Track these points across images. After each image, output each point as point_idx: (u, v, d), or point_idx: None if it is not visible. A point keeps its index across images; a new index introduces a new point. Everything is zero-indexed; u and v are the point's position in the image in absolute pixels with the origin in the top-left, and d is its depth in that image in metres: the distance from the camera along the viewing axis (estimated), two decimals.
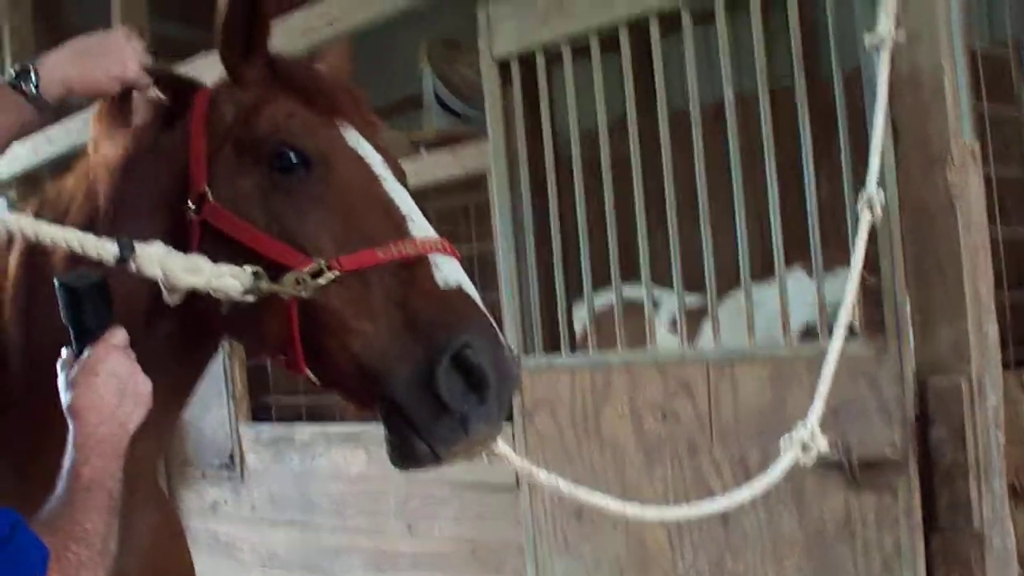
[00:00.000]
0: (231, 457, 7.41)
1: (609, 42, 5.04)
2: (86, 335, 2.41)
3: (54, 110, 2.92)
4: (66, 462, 2.28)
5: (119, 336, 2.41)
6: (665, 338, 5.77)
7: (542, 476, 3.22)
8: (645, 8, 4.79)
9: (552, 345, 5.29)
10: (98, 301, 2.42)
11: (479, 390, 2.44)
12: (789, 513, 4.36)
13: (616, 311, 5.03)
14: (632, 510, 3.42)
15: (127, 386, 2.36)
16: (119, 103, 2.99)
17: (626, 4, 4.85)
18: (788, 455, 3.56)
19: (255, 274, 2.52)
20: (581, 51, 5.11)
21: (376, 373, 2.51)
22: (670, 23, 4.84)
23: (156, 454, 3.18)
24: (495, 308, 6.22)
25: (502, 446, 2.91)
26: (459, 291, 2.55)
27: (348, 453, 6.59)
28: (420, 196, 6.90)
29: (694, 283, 5.00)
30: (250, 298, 2.53)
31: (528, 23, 5.18)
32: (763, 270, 5.14)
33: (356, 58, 3.25)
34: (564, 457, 5.09)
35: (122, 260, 2.32)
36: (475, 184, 6.46)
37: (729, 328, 4.87)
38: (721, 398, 4.60)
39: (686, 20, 4.73)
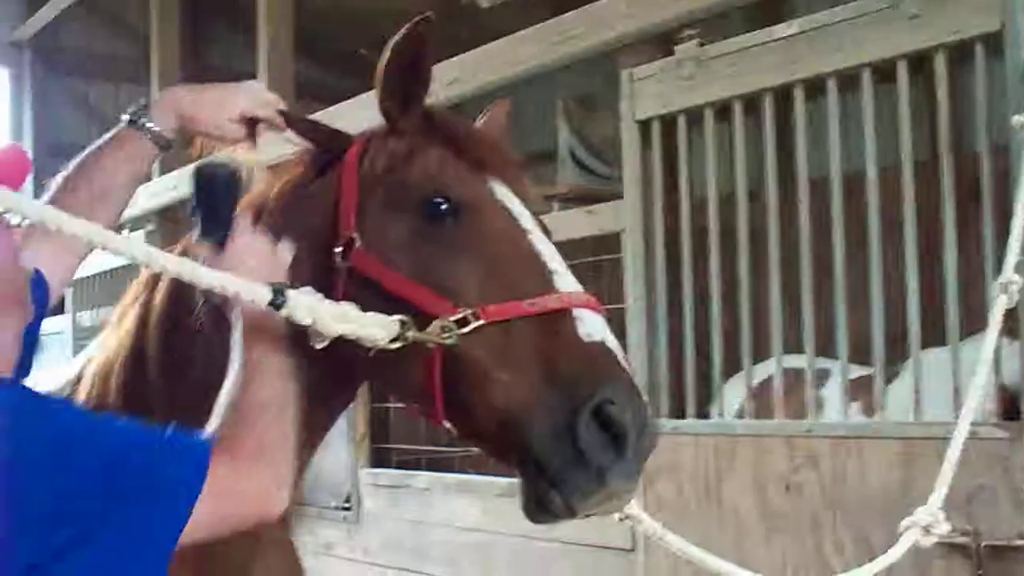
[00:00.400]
0: (348, 499, 7.46)
1: (749, 107, 5.03)
2: (219, 223, 2.49)
3: (178, 143, 2.97)
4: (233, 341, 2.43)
5: (248, 220, 2.55)
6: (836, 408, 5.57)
7: (671, 539, 3.18)
8: (791, 77, 4.77)
9: (678, 410, 5.24)
10: (233, 189, 2.55)
11: (618, 443, 2.40)
12: None
13: (775, 379, 4.95)
14: None
15: (269, 263, 2.50)
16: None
17: (772, 73, 4.84)
18: (909, 535, 3.46)
19: (402, 323, 2.51)
20: (719, 115, 5.10)
21: (515, 423, 2.49)
22: (814, 90, 4.82)
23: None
24: None
25: (635, 507, 2.90)
26: (602, 345, 2.51)
27: (464, 503, 6.59)
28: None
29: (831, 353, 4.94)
30: (396, 346, 2.53)
31: (672, 86, 5.19)
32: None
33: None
34: (683, 523, 5.01)
35: (275, 306, 2.33)
36: (606, 242, 6.45)
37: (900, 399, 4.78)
38: (847, 474, 4.51)
39: (831, 88, 4.70)
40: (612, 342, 2.53)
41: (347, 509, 7.47)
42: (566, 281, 2.62)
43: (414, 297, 2.60)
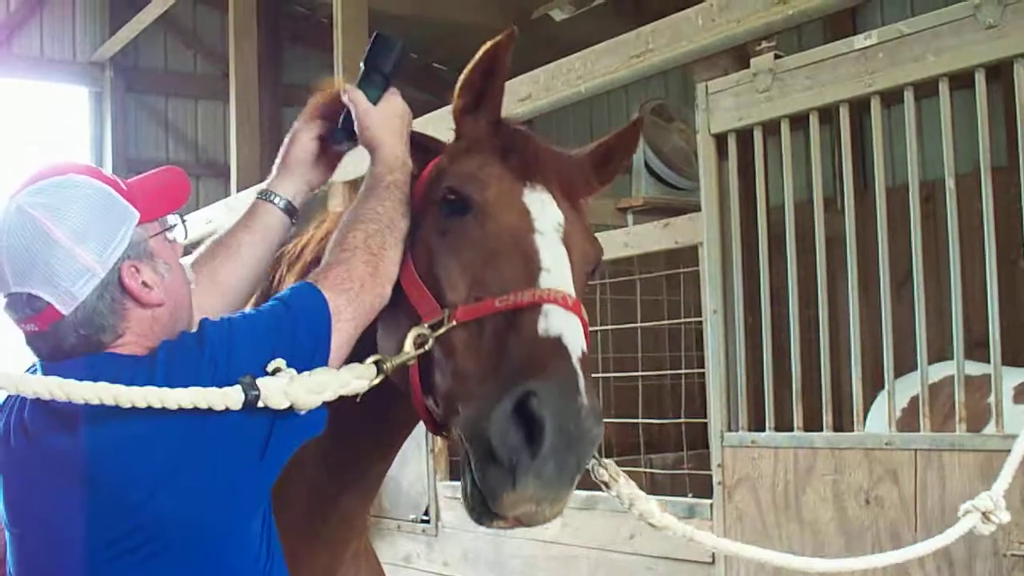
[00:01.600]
0: (427, 512, 7.50)
1: (824, 118, 5.03)
2: (380, 77, 2.89)
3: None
4: (367, 181, 2.79)
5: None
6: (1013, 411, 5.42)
7: (731, 547, 3.14)
8: (868, 88, 4.76)
9: (756, 422, 5.23)
10: (398, 55, 2.92)
11: (533, 443, 2.29)
12: None
13: (922, 391, 4.80)
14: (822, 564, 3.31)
15: (407, 126, 2.88)
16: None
17: (849, 84, 4.83)
18: (967, 520, 3.41)
19: (376, 362, 2.51)
20: (794, 124, 5.10)
21: (455, 412, 2.48)
22: (890, 100, 4.81)
23: (364, 509, 3.23)
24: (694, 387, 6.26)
25: (665, 517, 2.80)
26: (555, 340, 2.44)
27: None
28: (628, 263, 7.00)
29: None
30: (379, 380, 2.52)
31: (748, 99, 5.20)
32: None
33: (563, 122, 3.27)
34: (762, 535, 5.02)
35: (249, 401, 2.25)
36: (682, 254, 6.45)
37: None
38: (928, 486, 4.48)
39: (908, 99, 4.69)
40: (570, 339, 2.46)
41: (426, 522, 7.51)
42: (552, 279, 2.58)
43: (410, 291, 2.66)
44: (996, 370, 4.42)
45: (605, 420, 2.64)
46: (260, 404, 2.26)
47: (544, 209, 2.74)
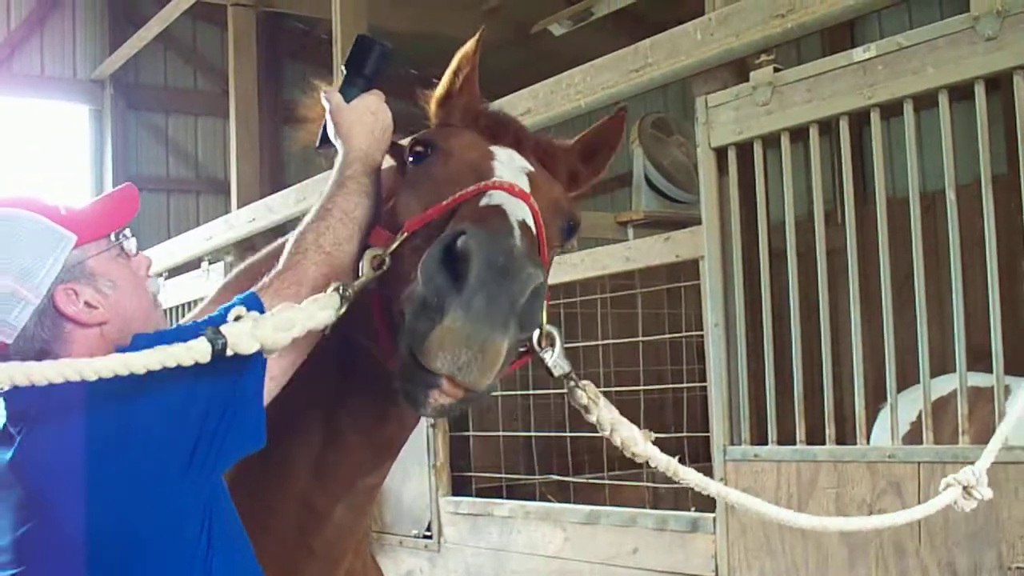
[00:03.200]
0: (429, 527, 7.49)
1: (823, 131, 5.03)
2: (360, 79, 2.92)
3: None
4: (332, 174, 2.76)
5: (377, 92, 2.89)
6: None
7: (733, 496, 3.03)
8: (867, 101, 4.77)
9: (759, 436, 5.23)
10: (381, 62, 2.95)
11: (460, 276, 2.18)
12: None
13: (923, 403, 4.80)
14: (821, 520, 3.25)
15: (380, 122, 2.86)
16: None
17: (849, 97, 4.83)
18: (948, 493, 3.39)
19: (338, 288, 2.39)
20: (794, 137, 5.11)
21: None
22: (890, 113, 4.81)
23: (358, 524, 3.16)
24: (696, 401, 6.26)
25: (648, 447, 2.64)
26: (495, 207, 2.39)
27: (546, 531, 6.59)
28: (629, 277, 7.00)
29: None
30: (344, 307, 2.38)
31: (747, 112, 5.20)
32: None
33: (562, 136, 3.26)
34: (765, 549, 5.01)
35: (218, 351, 2.19)
36: (682, 268, 6.45)
37: None
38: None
39: (908, 111, 4.69)
40: (510, 208, 2.41)
41: (428, 537, 7.49)
42: (501, 171, 2.59)
43: (374, 240, 2.61)
44: (998, 381, 4.42)
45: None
46: (229, 352, 2.21)
47: (511, 157, 2.73)
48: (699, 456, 7.67)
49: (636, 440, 2.65)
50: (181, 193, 14.19)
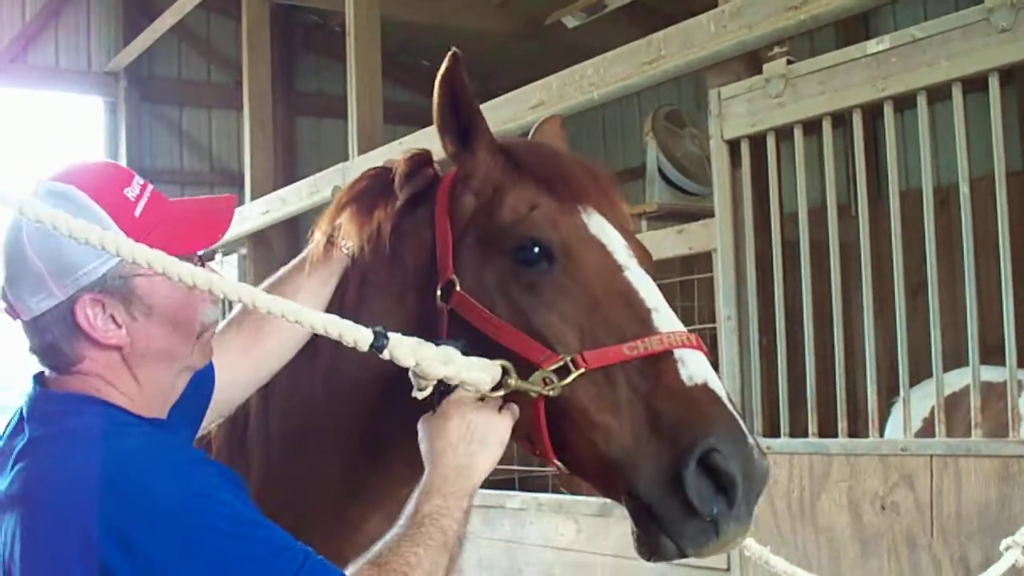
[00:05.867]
0: None
1: (837, 123, 5.02)
2: (447, 390, 2.55)
3: None
4: (411, 500, 2.42)
5: (471, 393, 2.51)
6: None
7: (775, 561, 3.14)
8: (881, 93, 4.75)
9: (771, 428, 5.22)
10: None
11: (728, 493, 2.35)
12: None
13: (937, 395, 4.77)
14: None
15: (477, 430, 2.47)
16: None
17: (862, 89, 4.82)
18: (1009, 556, 3.41)
19: (504, 369, 2.48)
20: (807, 129, 5.10)
21: (621, 470, 2.45)
22: (903, 105, 4.80)
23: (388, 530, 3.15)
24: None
25: (751, 544, 2.88)
26: (704, 388, 2.45)
27: (559, 523, 6.59)
28: None
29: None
30: (499, 393, 2.49)
31: (761, 105, 5.19)
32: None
33: (576, 128, 3.24)
34: (778, 542, 5.00)
35: (377, 348, 2.27)
36: (696, 260, 6.45)
37: None
38: (944, 492, 4.47)
39: (921, 103, 4.68)
40: (715, 383, 2.48)
41: None
42: (666, 320, 2.56)
43: (514, 344, 2.57)
44: (1011, 375, 4.41)
45: None
46: (385, 355, 2.25)
47: (611, 237, 2.71)
48: None
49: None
50: (195, 185, 14.18)
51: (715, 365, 5.33)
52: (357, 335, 2.23)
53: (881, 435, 5.03)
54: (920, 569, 4.50)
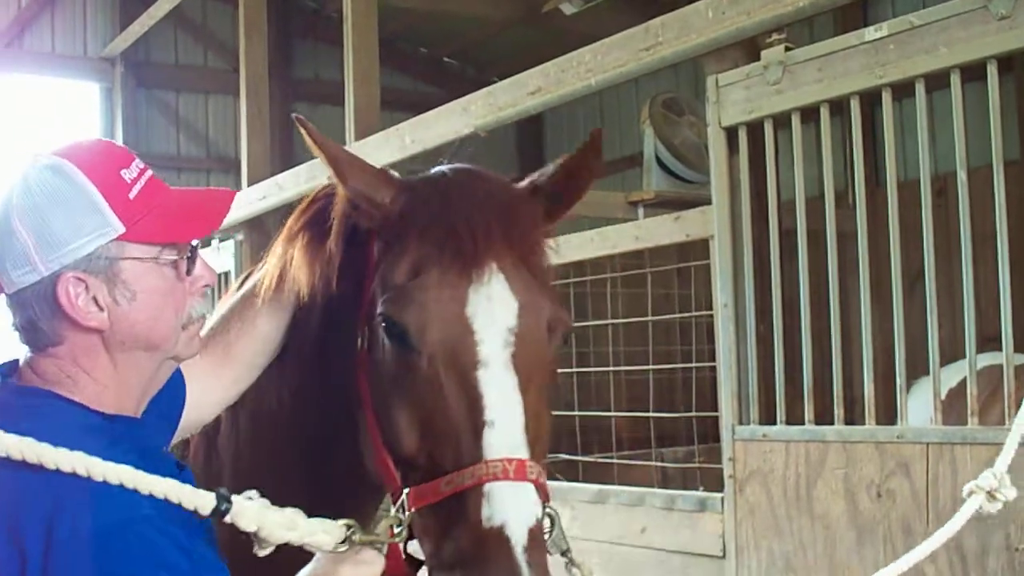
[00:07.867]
0: None
1: (835, 110, 5.01)
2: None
3: None
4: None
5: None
6: None
7: None
8: (879, 80, 4.74)
9: (767, 416, 5.22)
10: None
11: None
12: None
13: (933, 383, 4.78)
14: None
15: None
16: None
17: (860, 76, 4.81)
18: (972, 501, 3.37)
19: (348, 526, 2.38)
20: (805, 117, 5.09)
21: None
22: (901, 92, 4.79)
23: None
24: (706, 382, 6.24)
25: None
26: (496, 533, 2.34)
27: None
28: (638, 257, 6.98)
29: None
30: (343, 549, 2.38)
31: (758, 91, 5.18)
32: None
33: (573, 115, 3.21)
34: (774, 529, 5.01)
35: (220, 513, 2.16)
36: (693, 247, 6.44)
37: None
38: (940, 480, 4.47)
39: (920, 91, 4.67)
40: (514, 525, 2.36)
41: None
42: (496, 439, 2.42)
43: (376, 452, 2.59)
44: (1008, 363, 4.40)
45: (617, 414, 2.64)
46: (228, 519, 2.16)
47: (492, 317, 2.49)
48: (708, 436, 7.68)
49: None
50: (192, 171, 14.19)
51: (711, 353, 5.35)
52: (197, 500, 2.13)
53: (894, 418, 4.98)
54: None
